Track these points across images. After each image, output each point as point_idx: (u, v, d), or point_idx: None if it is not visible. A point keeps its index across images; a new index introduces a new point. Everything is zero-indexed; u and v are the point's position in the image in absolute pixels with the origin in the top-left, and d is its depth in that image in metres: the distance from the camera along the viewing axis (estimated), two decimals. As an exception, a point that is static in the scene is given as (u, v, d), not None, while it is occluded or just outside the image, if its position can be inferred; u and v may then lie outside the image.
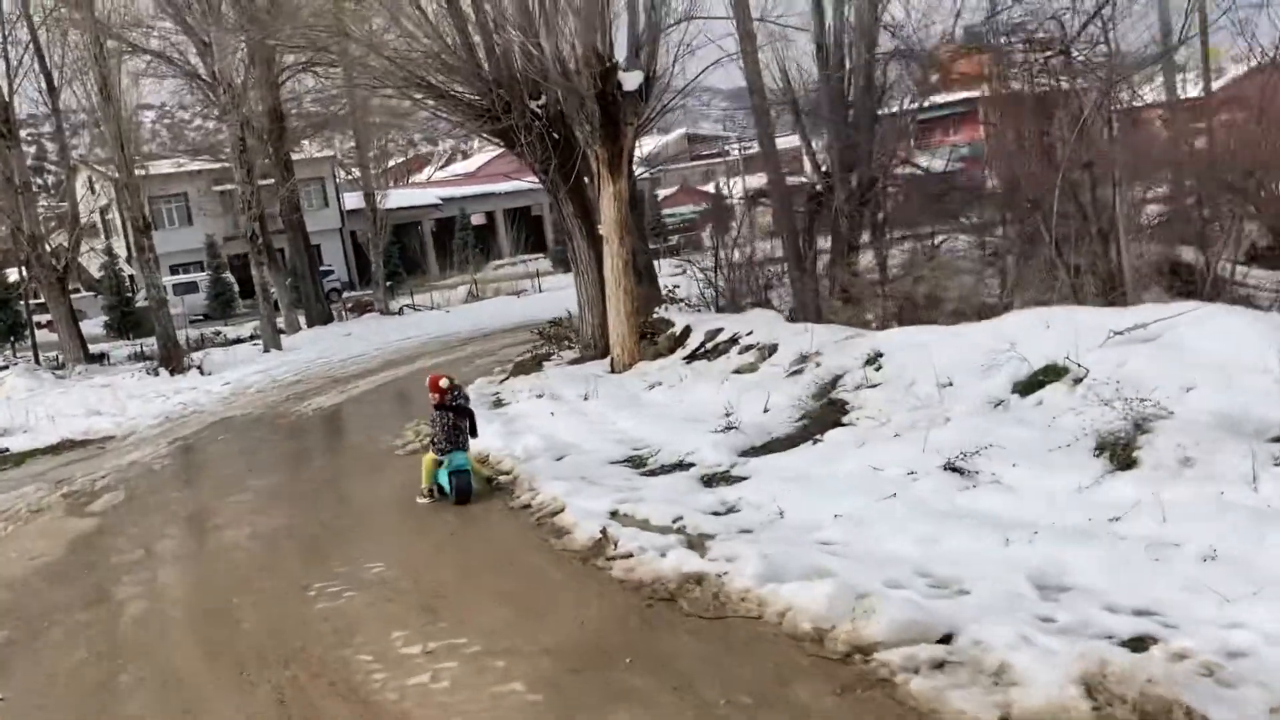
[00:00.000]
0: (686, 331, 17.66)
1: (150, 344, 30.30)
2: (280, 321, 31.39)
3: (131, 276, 44.72)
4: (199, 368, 25.99)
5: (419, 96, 19.40)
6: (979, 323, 11.50)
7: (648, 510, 8.68)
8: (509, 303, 37.99)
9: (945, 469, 8.00)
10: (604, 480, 9.99)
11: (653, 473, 10.27)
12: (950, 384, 10.09)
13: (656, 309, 20.21)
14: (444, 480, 10.25)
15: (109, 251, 42.96)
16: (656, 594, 6.83)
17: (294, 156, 36.22)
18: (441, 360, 23.35)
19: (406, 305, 38.85)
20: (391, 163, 54.66)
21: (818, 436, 9.98)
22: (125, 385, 24.34)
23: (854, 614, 5.60)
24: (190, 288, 45.73)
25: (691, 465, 10.14)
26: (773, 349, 14.66)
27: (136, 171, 27.46)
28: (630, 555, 7.59)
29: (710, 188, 70.71)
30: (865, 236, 18.26)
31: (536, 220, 64.77)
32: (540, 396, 15.05)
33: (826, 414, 10.55)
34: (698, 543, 7.71)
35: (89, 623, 8.19)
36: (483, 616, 6.97)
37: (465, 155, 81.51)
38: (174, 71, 32.61)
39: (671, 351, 17.69)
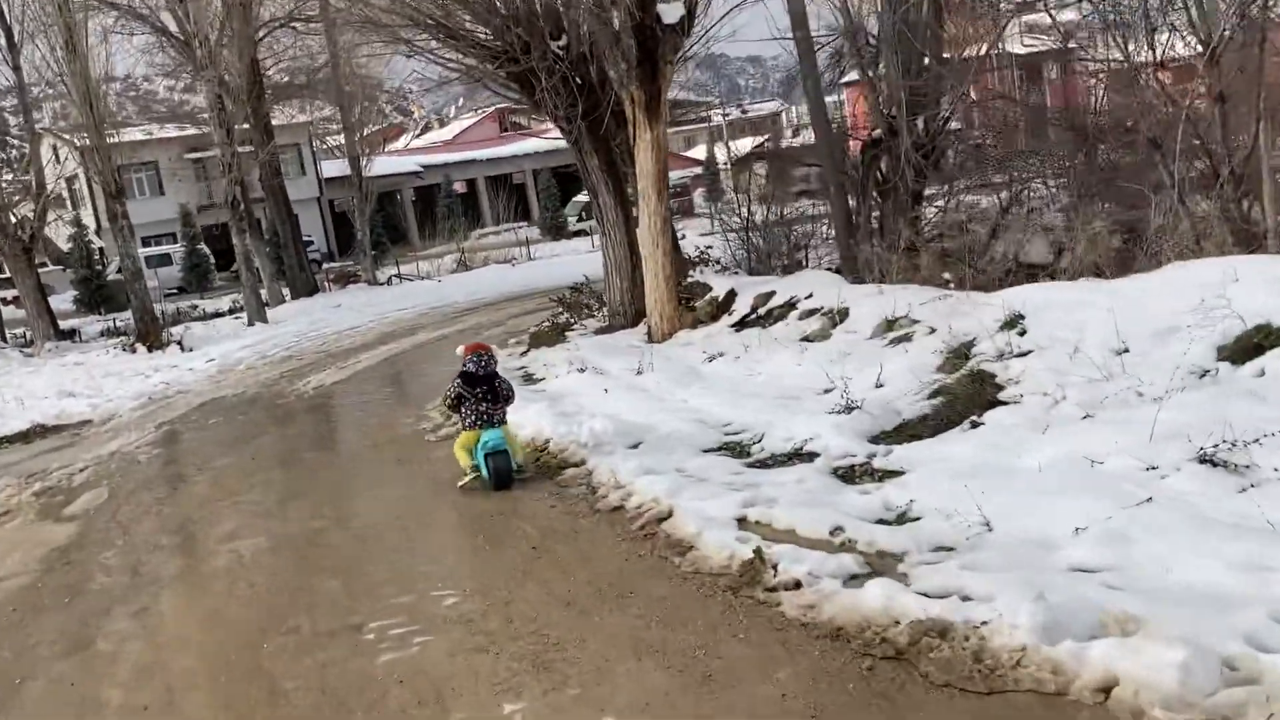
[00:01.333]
0: (731, 296, 15.65)
1: (124, 318, 28.02)
2: (263, 293, 29.09)
3: (101, 249, 42.19)
4: (179, 343, 23.75)
5: (422, 38, 17.19)
6: (1133, 278, 9.57)
7: (788, 516, 6.70)
8: (502, 271, 35.79)
9: (1200, 462, 6.05)
10: (707, 474, 8.00)
11: (764, 464, 8.28)
12: (1126, 350, 8.16)
13: (689, 273, 18.22)
14: (481, 462, 8.73)
15: (77, 222, 40.36)
16: (871, 649, 4.85)
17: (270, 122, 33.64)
18: (446, 333, 21.26)
19: (395, 275, 36.53)
20: (368, 129, 51.98)
21: (975, 419, 8.00)
22: (100, 363, 22.09)
23: (1266, 702, 3.63)
24: (163, 260, 43.08)
25: (813, 455, 8.14)
26: (843, 314, 12.74)
27: (106, 135, 24.92)
28: (799, 584, 5.62)
29: (693, 154, 68.70)
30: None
31: (518, 188, 62.35)
32: (582, 370, 13.02)
33: (972, 390, 8.56)
34: (883, 565, 5.75)
35: (75, 678, 6.12)
36: (629, 679, 4.97)
37: (441, 123, 78.72)
38: (144, 28, 30.05)
39: (714, 318, 15.71)
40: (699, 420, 9.74)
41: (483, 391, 8.84)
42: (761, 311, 14.71)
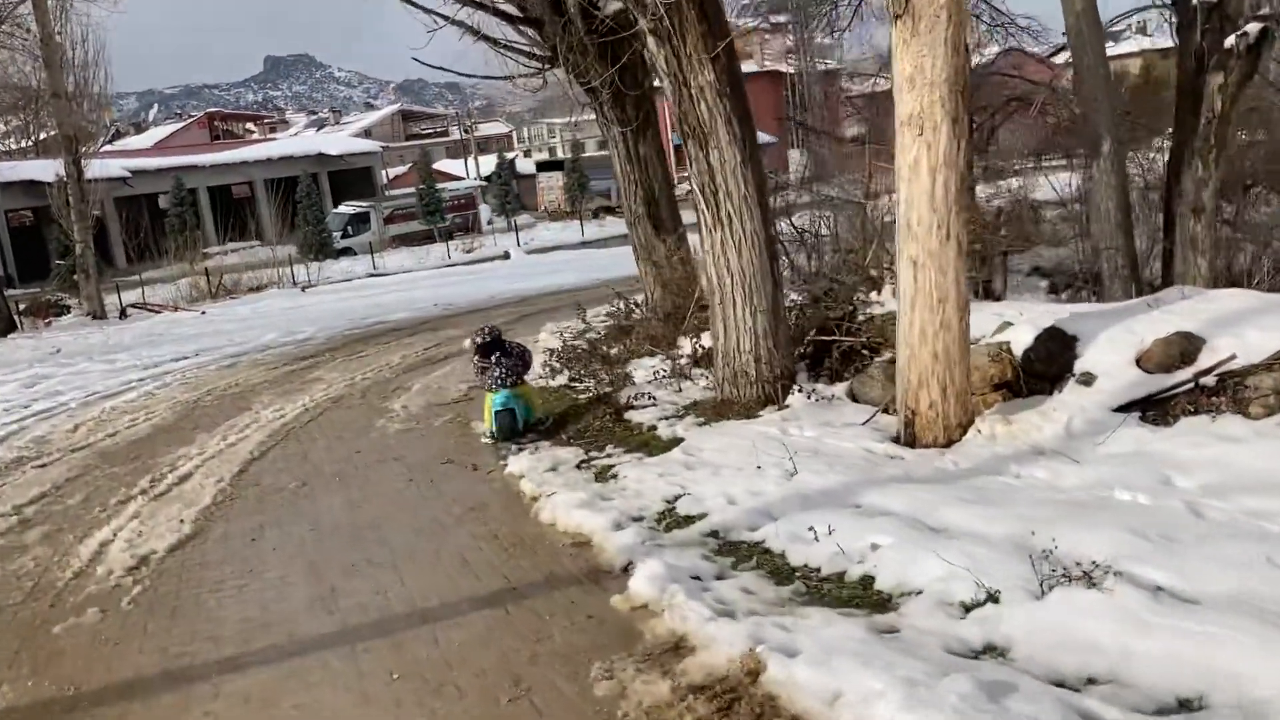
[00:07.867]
0: (1062, 343, 7.35)
1: None
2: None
3: None
4: None
5: None
6: None
7: None
8: (293, 299, 25.57)
9: None
10: None
11: None
12: None
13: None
14: (493, 419, 8.86)
15: None
16: None
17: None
18: (311, 403, 11.66)
19: (134, 305, 25.32)
20: (43, 134, 39.26)
21: None
22: None
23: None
24: None
25: None
26: None
27: None
28: None
29: (440, 167, 59.37)
30: None
31: (241, 202, 50.15)
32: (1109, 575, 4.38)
33: None
34: None
35: None
36: None
37: (138, 128, 64.83)
38: None
39: (1007, 386, 7.43)
40: None
41: (495, 358, 8.87)
42: (1208, 381, 6.52)
